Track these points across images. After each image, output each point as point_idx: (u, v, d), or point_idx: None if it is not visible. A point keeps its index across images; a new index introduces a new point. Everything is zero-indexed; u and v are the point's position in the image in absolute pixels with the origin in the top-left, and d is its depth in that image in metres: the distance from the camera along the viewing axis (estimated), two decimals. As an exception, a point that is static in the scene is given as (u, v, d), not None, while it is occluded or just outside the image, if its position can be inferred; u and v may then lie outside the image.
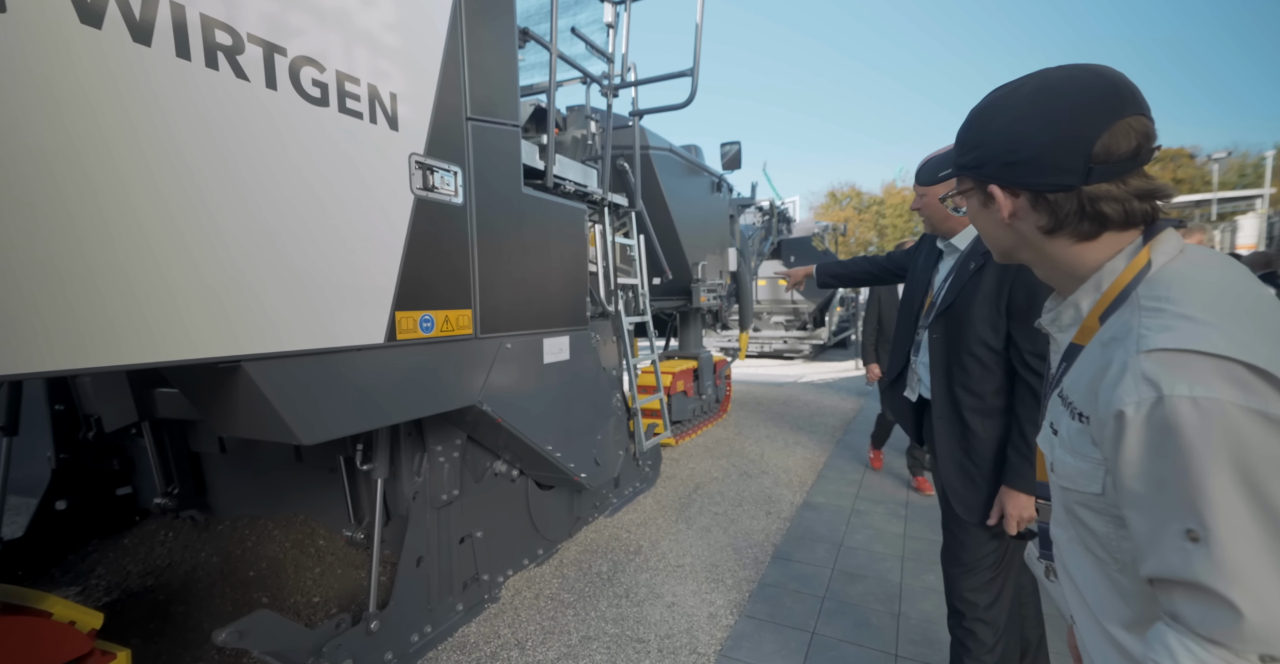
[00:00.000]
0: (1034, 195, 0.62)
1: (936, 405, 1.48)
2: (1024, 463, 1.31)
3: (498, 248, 2.01)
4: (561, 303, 2.41)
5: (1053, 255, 0.65)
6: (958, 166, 0.70)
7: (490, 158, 1.95)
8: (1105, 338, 0.58)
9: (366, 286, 1.48)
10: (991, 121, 0.64)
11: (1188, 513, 0.48)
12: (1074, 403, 0.60)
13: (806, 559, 2.72)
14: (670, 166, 4.37)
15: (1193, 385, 0.48)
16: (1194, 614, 0.49)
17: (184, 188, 1.08)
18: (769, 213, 10.05)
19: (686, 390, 4.99)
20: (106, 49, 0.98)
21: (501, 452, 2.42)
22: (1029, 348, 1.31)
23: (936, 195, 1.39)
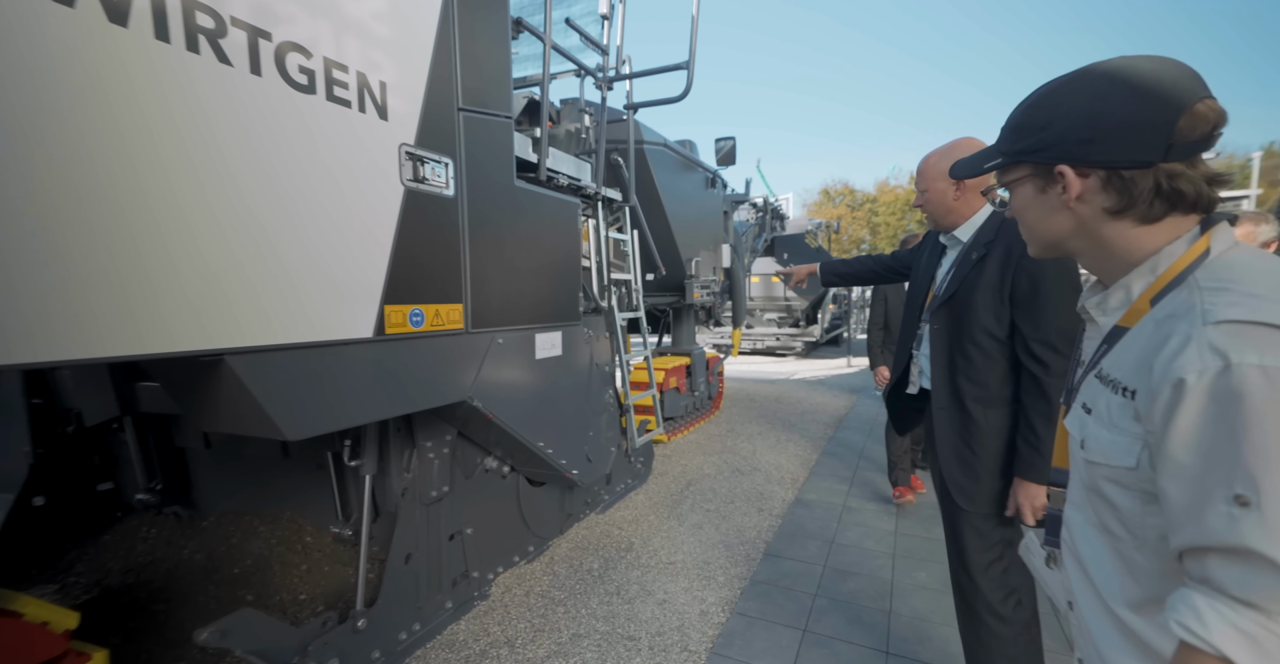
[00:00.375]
0: (1107, 174, 0.62)
1: (937, 395, 1.48)
2: (1034, 453, 1.31)
3: (490, 241, 1.97)
4: (554, 298, 2.39)
5: (1110, 240, 0.65)
6: (1014, 153, 0.69)
7: (482, 150, 1.92)
8: (1160, 316, 0.58)
9: (355, 279, 1.45)
10: (1062, 103, 0.64)
11: (1240, 478, 0.48)
12: (1117, 379, 0.61)
13: (798, 556, 2.72)
14: (664, 161, 4.34)
15: (1263, 355, 0.48)
16: (1230, 578, 0.49)
17: (163, 175, 1.05)
18: (763, 210, 10.04)
19: (679, 387, 4.98)
20: (80, 30, 0.94)
21: (492, 448, 2.39)
22: (1033, 335, 1.31)
23: (975, 189, 1.40)
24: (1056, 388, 1.28)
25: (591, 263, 2.86)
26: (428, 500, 2.00)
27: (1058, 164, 0.64)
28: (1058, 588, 0.78)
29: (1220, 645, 0.48)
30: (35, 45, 0.89)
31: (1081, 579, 0.67)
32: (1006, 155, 0.70)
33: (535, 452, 2.31)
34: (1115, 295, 0.67)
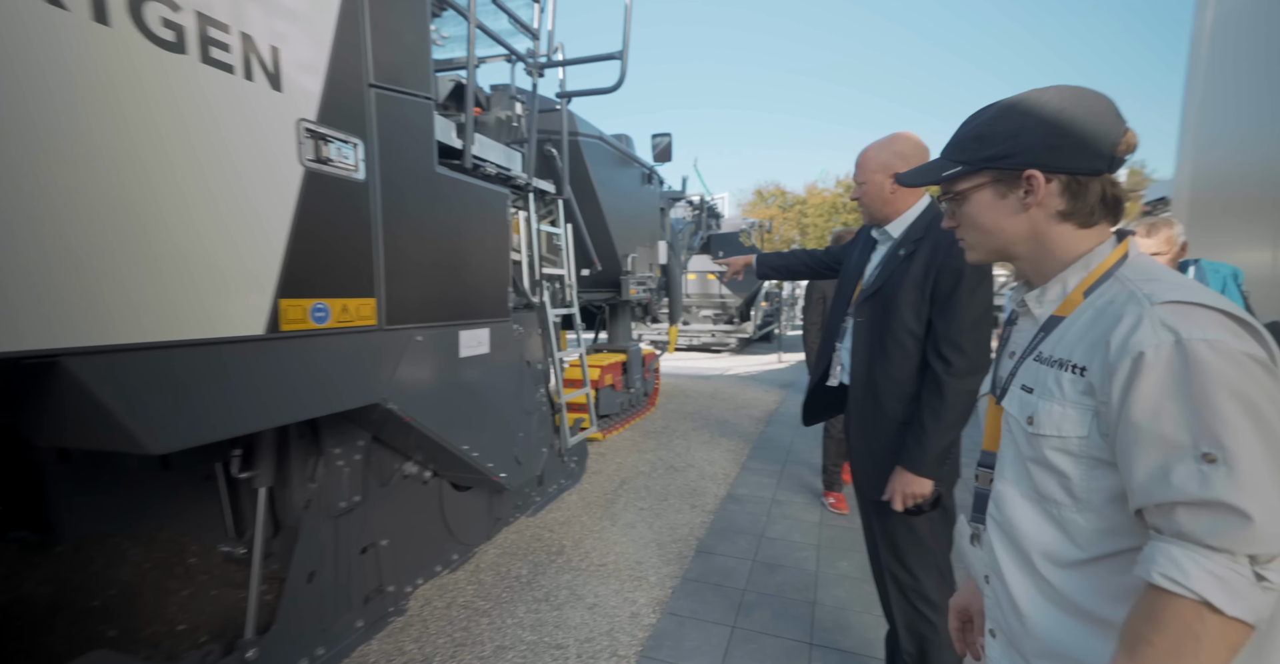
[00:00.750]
0: (1068, 179, 0.70)
1: (854, 389, 1.51)
2: (917, 446, 1.36)
3: (408, 231, 1.83)
4: (480, 292, 2.26)
5: (1053, 241, 0.73)
6: (979, 160, 0.74)
7: (398, 131, 1.77)
8: (1099, 303, 0.67)
9: (242, 269, 1.28)
10: (1031, 113, 0.71)
11: (1205, 438, 0.54)
12: (1065, 359, 0.68)
13: (728, 552, 2.75)
14: (600, 155, 4.26)
15: (1205, 331, 0.56)
16: (1201, 528, 0.54)
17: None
18: (699, 207, 10.17)
19: (615, 384, 4.93)
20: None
21: (412, 452, 2.24)
22: (944, 333, 1.34)
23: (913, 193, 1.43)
24: (953, 388, 1.32)
25: (523, 257, 2.74)
26: (336, 512, 1.83)
27: (1027, 169, 0.70)
28: (979, 564, 0.82)
29: (1200, 590, 0.53)
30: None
31: (1009, 549, 0.74)
32: (969, 163, 0.75)
33: (459, 456, 2.18)
34: (1053, 289, 0.74)
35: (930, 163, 0.83)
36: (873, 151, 1.47)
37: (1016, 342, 0.81)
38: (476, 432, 2.27)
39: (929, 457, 1.34)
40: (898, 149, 1.43)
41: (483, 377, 2.31)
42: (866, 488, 1.49)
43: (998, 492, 0.77)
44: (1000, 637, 0.77)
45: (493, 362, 2.35)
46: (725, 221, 11.85)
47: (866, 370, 1.48)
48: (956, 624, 0.95)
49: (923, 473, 1.34)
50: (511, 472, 2.55)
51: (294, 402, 1.44)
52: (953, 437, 1.35)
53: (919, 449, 1.34)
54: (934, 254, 1.37)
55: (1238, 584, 0.53)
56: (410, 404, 1.89)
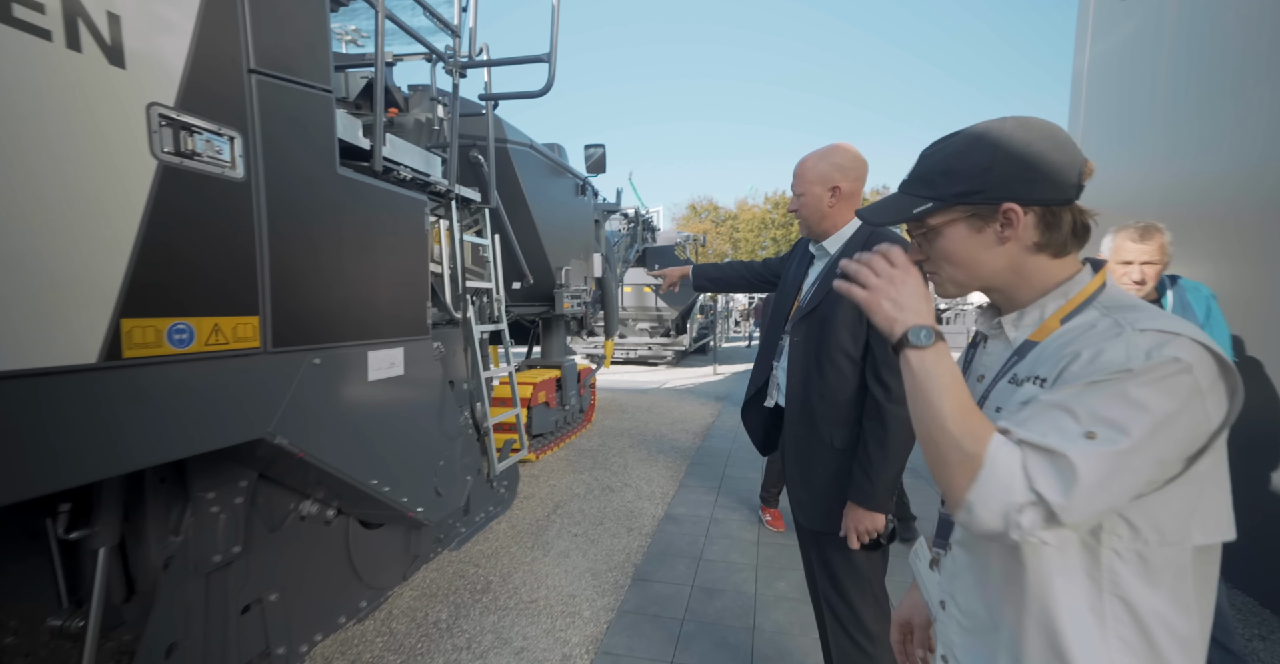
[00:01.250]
0: (1042, 211, 0.69)
1: (790, 411, 1.44)
2: (865, 479, 1.30)
3: (302, 239, 1.60)
4: (394, 308, 2.04)
5: (1029, 272, 0.72)
6: (952, 196, 0.72)
7: (289, 126, 1.55)
8: (1076, 329, 0.66)
9: (67, 283, 1.03)
10: (997, 149, 0.70)
11: (1110, 424, 0.56)
12: (1032, 374, 0.67)
13: (666, 578, 2.63)
14: (531, 164, 4.10)
15: (1183, 353, 0.57)
16: (1040, 467, 0.57)
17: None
18: (634, 220, 10.18)
19: (549, 401, 4.73)
20: None
21: (311, 490, 1.97)
22: (883, 358, 1.29)
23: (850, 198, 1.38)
24: (895, 415, 1.27)
25: (444, 269, 2.53)
26: (207, 567, 1.55)
27: (1004, 202, 0.69)
28: (935, 589, 0.82)
29: (991, 456, 0.59)
30: None
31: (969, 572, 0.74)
32: (941, 199, 0.73)
33: (367, 491, 1.93)
34: (1031, 314, 0.73)
35: (896, 198, 0.79)
36: (811, 162, 1.42)
37: (985, 364, 0.79)
38: (388, 464, 2.04)
39: (879, 489, 1.28)
40: (835, 161, 1.39)
41: (397, 401, 2.08)
42: (803, 518, 1.42)
43: None
44: (954, 662, 0.75)
45: (409, 384, 2.13)
46: (660, 235, 11.94)
47: (802, 393, 1.41)
48: (898, 636, 0.94)
49: (875, 507, 1.29)
50: (430, 505, 2.31)
51: (144, 444, 1.18)
52: (900, 465, 1.30)
53: (868, 483, 1.29)
54: None
55: (1015, 494, 0.57)
56: (304, 437, 1.64)
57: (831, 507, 1.36)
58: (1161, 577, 0.60)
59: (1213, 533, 0.60)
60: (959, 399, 0.63)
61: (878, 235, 1.36)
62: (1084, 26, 3.83)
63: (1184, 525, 0.60)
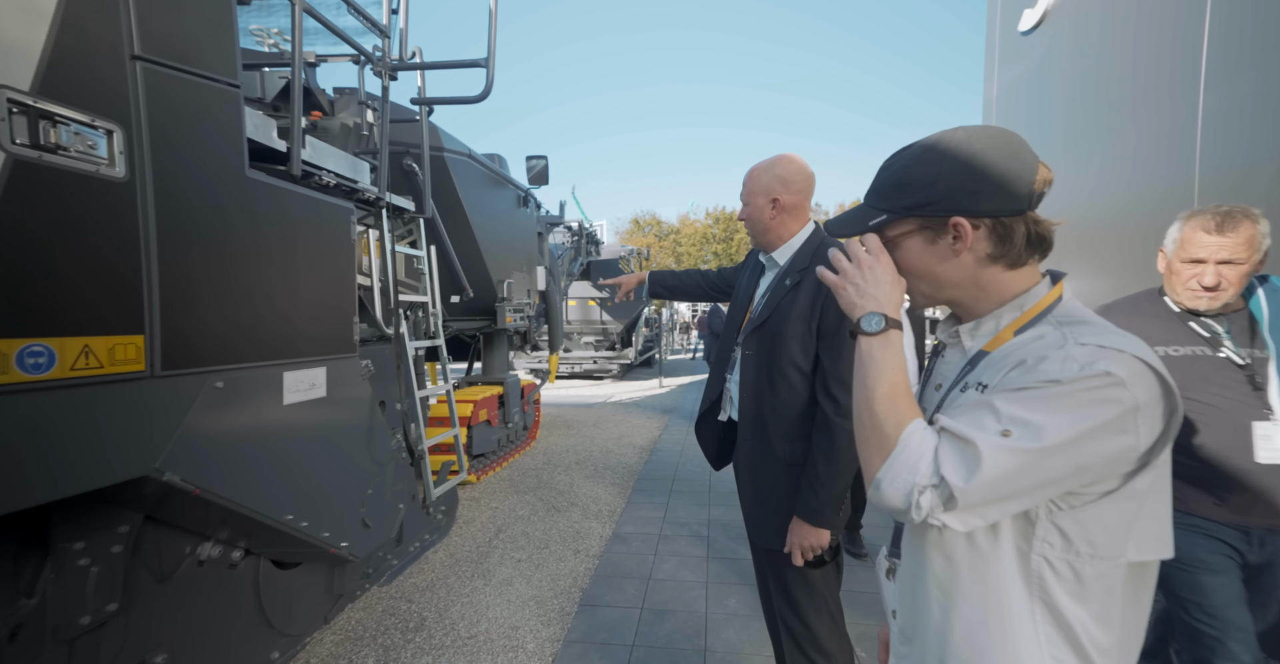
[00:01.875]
0: (993, 223, 0.68)
1: (743, 425, 1.40)
2: (811, 494, 1.27)
3: (200, 248, 1.43)
4: (316, 324, 1.87)
5: (986, 283, 0.71)
6: (902, 209, 0.71)
7: (183, 122, 1.39)
8: (1027, 340, 0.67)
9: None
10: (943, 160, 0.69)
11: (1027, 425, 0.57)
12: (979, 382, 0.68)
13: (615, 601, 2.53)
14: (470, 174, 3.96)
15: (1116, 367, 0.57)
16: (947, 447, 0.61)
17: None
18: (578, 234, 10.10)
19: (490, 419, 4.53)
20: None
21: (213, 530, 1.74)
22: (831, 370, 1.27)
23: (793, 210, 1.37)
24: (844, 429, 1.26)
25: (374, 282, 2.36)
26: (72, 632, 1.32)
27: (951, 216, 0.68)
28: (890, 599, 0.82)
29: (905, 438, 0.63)
30: None
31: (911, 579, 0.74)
32: (894, 212, 0.72)
33: (279, 528, 1.74)
34: (987, 324, 0.73)
35: (856, 210, 0.78)
36: (756, 173, 1.41)
37: (942, 373, 0.79)
38: (306, 496, 1.84)
39: (824, 506, 1.25)
40: (779, 173, 1.38)
41: (318, 425, 1.89)
42: (757, 535, 1.38)
43: (913, 528, 0.75)
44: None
45: (332, 406, 1.94)
46: (604, 249, 11.92)
47: (754, 407, 1.38)
48: (885, 657, 0.92)
49: (820, 523, 1.26)
50: (357, 539, 2.11)
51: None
52: (847, 481, 1.28)
53: (814, 498, 1.26)
54: (819, 286, 1.31)
55: (919, 475, 0.60)
56: (201, 471, 1.45)
57: (786, 524, 1.33)
58: (1091, 590, 0.61)
59: (1149, 550, 0.61)
60: (891, 384, 0.66)
61: (825, 245, 1.36)
62: (991, 59, 4.16)
63: (1118, 540, 0.60)
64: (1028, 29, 3.52)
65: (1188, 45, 2.24)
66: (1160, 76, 2.42)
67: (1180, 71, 2.29)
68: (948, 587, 0.67)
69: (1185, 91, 2.26)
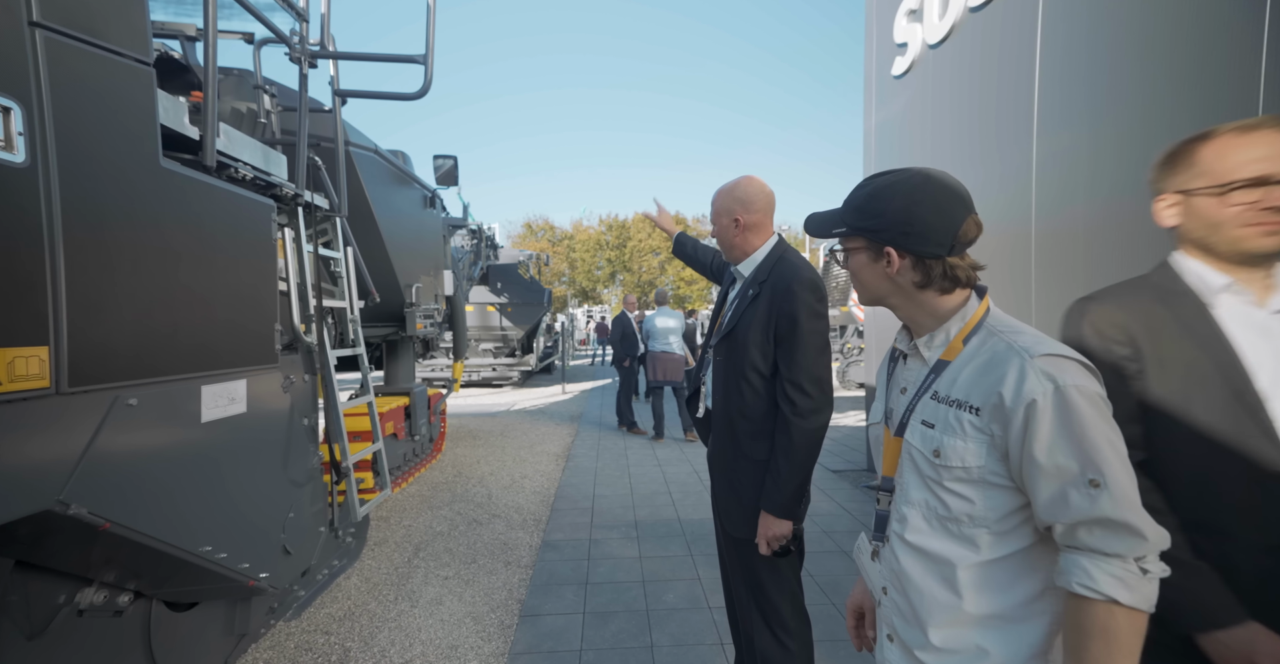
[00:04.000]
0: (915, 259, 0.83)
1: (716, 424, 1.53)
2: (774, 487, 1.40)
3: (112, 245, 1.25)
4: (236, 332, 1.68)
5: (922, 303, 0.87)
6: (856, 228, 0.87)
7: (92, 101, 1.22)
8: (983, 356, 0.79)
9: None
10: (892, 199, 0.83)
11: (1089, 467, 0.69)
12: (960, 399, 0.79)
13: (556, 609, 2.53)
14: (376, 171, 3.72)
15: (1073, 378, 0.71)
16: (1097, 540, 0.69)
17: None
18: (478, 237, 9.75)
19: (396, 432, 4.24)
20: None
21: (99, 572, 1.50)
22: (787, 374, 1.41)
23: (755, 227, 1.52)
24: (800, 428, 1.39)
25: (291, 285, 2.16)
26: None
27: (885, 245, 0.84)
28: (877, 578, 0.91)
29: (1107, 591, 0.68)
30: None
31: (916, 561, 0.84)
32: (851, 228, 0.88)
33: (194, 562, 1.54)
34: (939, 336, 0.87)
35: (831, 214, 0.92)
36: (720, 195, 1.55)
37: (905, 379, 0.91)
38: (225, 524, 1.65)
39: (786, 498, 1.39)
40: (739, 195, 1.53)
41: (238, 444, 1.71)
42: (730, 526, 1.50)
43: (902, 513, 0.87)
44: (898, 641, 0.86)
45: (253, 423, 1.76)
46: (501, 253, 11.60)
47: (724, 409, 1.50)
48: (853, 622, 1.04)
49: (783, 514, 1.39)
50: (277, 568, 1.92)
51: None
52: (806, 475, 1.41)
53: (777, 492, 1.39)
54: (773, 298, 1.44)
55: (1131, 581, 0.68)
56: (111, 502, 1.26)
57: (755, 516, 1.45)
58: None
59: None
60: None
61: (785, 259, 1.52)
62: (869, 98, 4.77)
63: None
64: (899, 73, 4.10)
65: (1023, 101, 2.78)
66: (1002, 124, 2.97)
67: (1016, 122, 2.83)
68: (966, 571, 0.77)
69: (1019, 139, 2.80)
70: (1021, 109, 2.80)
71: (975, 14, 3.19)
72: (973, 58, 3.27)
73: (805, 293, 1.43)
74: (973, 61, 3.27)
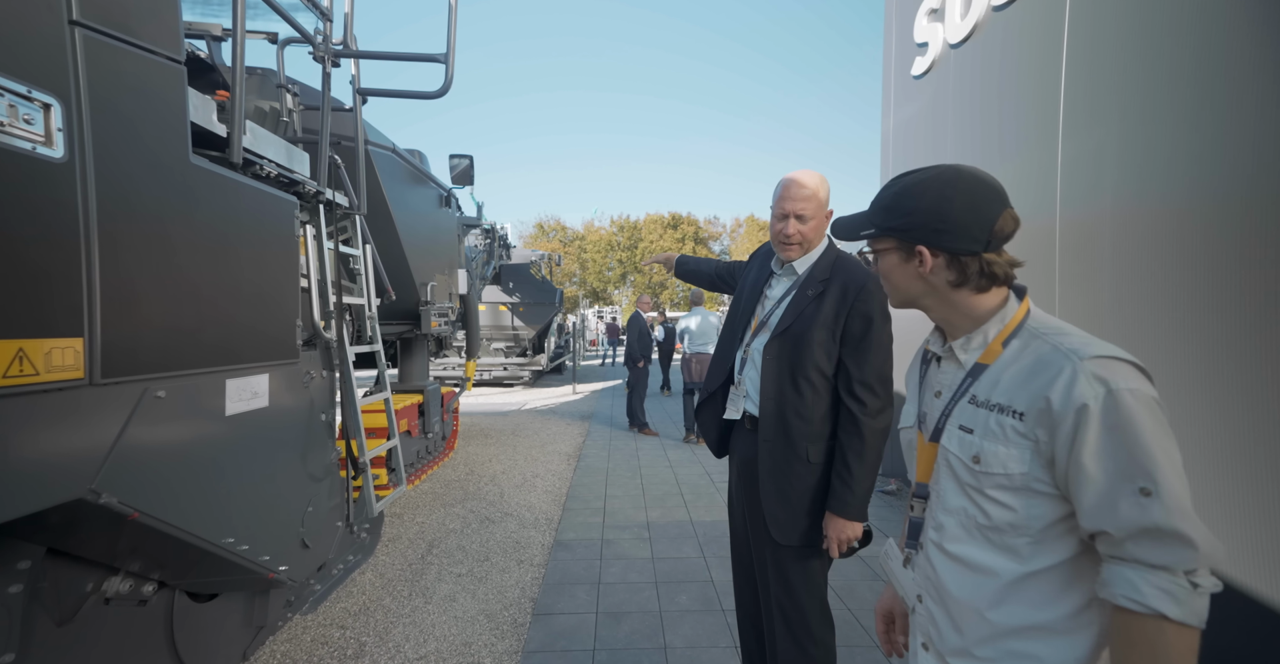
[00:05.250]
0: (949, 257, 0.80)
1: (765, 429, 1.47)
2: (845, 489, 1.38)
3: (144, 240, 1.27)
4: (259, 327, 1.70)
5: (955, 303, 0.83)
6: (886, 228, 0.84)
7: (128, 99, 1.24)
8: (1028, 359, 0.76)
9: None
10: (922, 197, 0.81)
11: (1140, 475, 0.65)
12: (1002, 403, 0.76)
13: (569, 608, 2.53)
14: (393, 169, 3.76)
15: (1126, 381, 0.68)
16: (1145, 551, 0.65)
17: None
18: (491, 237, 9.82)
19: (410, 429, 4.28)
20: None
21: (125, 561, 1.53)
22: (857, 375, 1.39)
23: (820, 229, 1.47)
24: (870, 428, 1.39)
25: (312, 282, 2.18)
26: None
27: (917, 244, 0.81)
28: (910, 585, 0.90)
29: (1154, 605, 0.64)
30: None
31: (952, 570, 0.81)
32: (879, 229, 0.85)
33: (217, 553, 1.56)
34: (976, 339, 0.84)
35: (857, 217, 0.90)
36: (816, 187, 1.45)
37: (940, 382, 0.88)
38: (247, 516, 1.67)
39: (858, 499, 1.38)
40: (827, 189, 1.49)
41: (260, 439, 1.73)
42: (779, 535, 1.45)
43: (938, 520, 0.84)
44: (933, 650, 0.84)
45: (274, 417, 1.78)
46: (515, 253, 11.66)
47: (777, 411, 1.45)
48: (882, 627, 1.02)
49: (854, 516, 1.38)
50: (296, 561, 1.94)
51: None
52: (875, 476, 1.41)
53: (849, 493, 1.37)
54: (844, 297, 1.41)
55: (1181, 595, 0.64)
56: (140, 492, 1.28)
57: (808, 521, 1.43)
58: None
59: None
60: None
61: (843, 257, 1.50)
62: (887, 98, 4.73)
63: None
64: (919, 74, 4.06)
65: (1049, 101, 2.74)
66: (1025, 124, 2.93)
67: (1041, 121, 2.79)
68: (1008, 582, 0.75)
69: (1045, 140, 2.76)
70: (1047, 108, 2.76)
71: (999, 13, 3.15)
72: (996, 57, 3.23)
73: (880, 292, 1.41)
74: (996, 60, 3.23)
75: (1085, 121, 2.54)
